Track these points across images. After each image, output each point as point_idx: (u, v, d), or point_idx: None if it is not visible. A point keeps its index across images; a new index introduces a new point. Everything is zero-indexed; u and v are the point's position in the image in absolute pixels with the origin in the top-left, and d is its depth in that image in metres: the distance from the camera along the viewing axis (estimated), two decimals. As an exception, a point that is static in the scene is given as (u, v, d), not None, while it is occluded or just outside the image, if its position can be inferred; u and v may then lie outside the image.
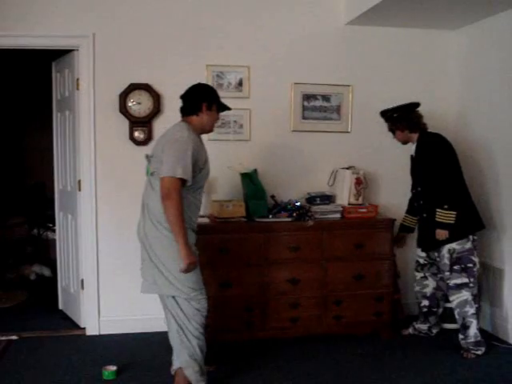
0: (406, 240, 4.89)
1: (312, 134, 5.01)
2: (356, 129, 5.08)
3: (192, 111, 3.55)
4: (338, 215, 4.68)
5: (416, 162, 4.49)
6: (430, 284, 4.57)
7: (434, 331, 4.72)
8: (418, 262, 4.62)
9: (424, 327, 4.70)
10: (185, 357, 3.49)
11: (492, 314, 4.78)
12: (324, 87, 4.99)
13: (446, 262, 4.30)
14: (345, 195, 4.78)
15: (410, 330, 4.76)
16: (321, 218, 4.61)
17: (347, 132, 5.08)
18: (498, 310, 4.71)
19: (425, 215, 4.40)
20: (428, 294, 4.58)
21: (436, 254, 4.41)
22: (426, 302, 4.61)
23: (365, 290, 4.58)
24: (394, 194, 4.94)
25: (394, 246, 4.69)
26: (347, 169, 4.85)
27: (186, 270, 3.31)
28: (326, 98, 5.01)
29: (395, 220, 4.69)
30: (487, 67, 4.82)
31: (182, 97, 3.62)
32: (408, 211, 4.73)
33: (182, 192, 3.32)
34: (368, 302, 4.59)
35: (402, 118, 4.39)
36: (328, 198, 4.78)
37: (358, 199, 4.77)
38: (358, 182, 4.77)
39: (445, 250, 4.29)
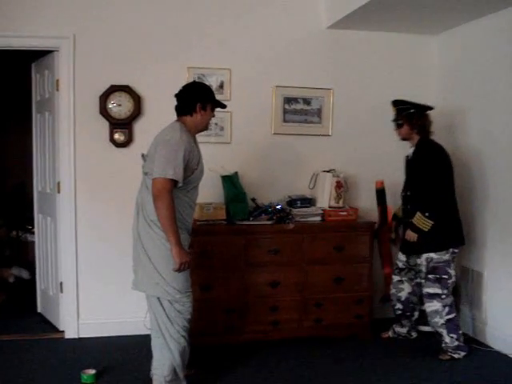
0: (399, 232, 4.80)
1: (293, 137, 5.02)
2: (337, 132, 5.10)
3: (186, 111, 3.53)
4: (318, 218, 4.70)
5: (410, 166, 4.45)
6: (406, 289, 4.57)
7: (414, 334, 4.75)
8: (397, 265, 4.62)
9: (403, 331, 4.72)
10: (158, 362, 3.49)
11: (471, 317, 4.82)
12: (305, 90, 5.00)
13: (423, 269, 4.33)
14: (325, 198, 4.79)
15: (390, 333, 4.78)
16: (301, 220, 4.62)
17: (328, 135, 5.10)
18: (477, 313, 4.76)
19: (411, 220, 4.36)
20: (402, 298, 4.59)
21: (417, 261, 4.41)
22: (399, 306, 4.62)
23: (345, 292, 4.60)
24: (374, 198, 4.95)
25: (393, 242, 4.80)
26: (328, 172, 4.86)
27: (179, 270, 3.32)
28: (306, 101, 5.02)
29: (375, 223, 4.71)
30: (468, 71, 4.87)
31: (177, 96, 3.60)
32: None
33: (175, 192, 3.33)
34: (348, 305, 4.61)
35: (417, 117, 4.32)
36: (308, 201, 4.79)
37: (338, 202, 4.79)
38: (339, 185, 4.79)
39: (423, 257, 4.30)
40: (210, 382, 3.88)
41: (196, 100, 3.52)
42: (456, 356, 4.28)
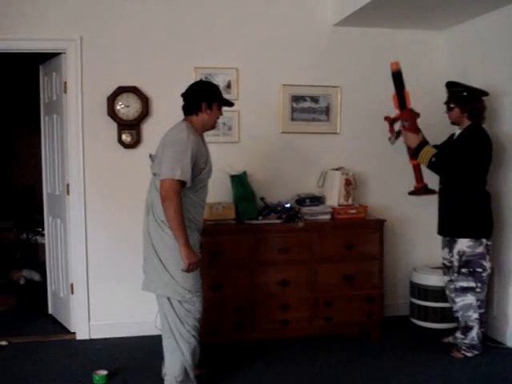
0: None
1: (301, 135, 5.01)
2: (345, 130, 5.09)
3: (192, 111, 3.53)
4: (327, 216, 4.69)
5: (451, 145, 4.28)
6: None
7: None
8: (443, 264, 4.50)
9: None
10: (169, 362, 3.50)
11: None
12: (312, 88, 4.99)
13: (455, 263, 4.22)
14: (334, 196, 4.78)
15: (451, 339, 4.57)
16: (311, 219, 4.61)
17: (336, 133, 5.08)
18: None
19: (442, 199, 4.32)
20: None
21: (449, 255, 4.31)
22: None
23: (355, 291, 4.58)
24: (384, 195, 4.94)
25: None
26: (336, 170, 4.85)
27: (188, 270, 3.33)
28: (314, 99, 5.01)
29: (385, 221, 4.69)
30: (474, 67, 4.84)
31: (183, 95, 3.60)
32: None
33: (185, 192, 3.34)
34: (358, 303, 4.59)
35: (469, 101, 4.18)
36: (318, 200, 4.78)
37: (347, 200, 4.78)
38: (348, 182, 4.77)
39: (455, 251, 4.20)
40: (220, 382, 3.87)
41: (201, 99, 3.51)
42: (469, 355, 4.22)
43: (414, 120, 4.33)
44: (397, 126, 4.46)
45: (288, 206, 4.61)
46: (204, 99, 3.51)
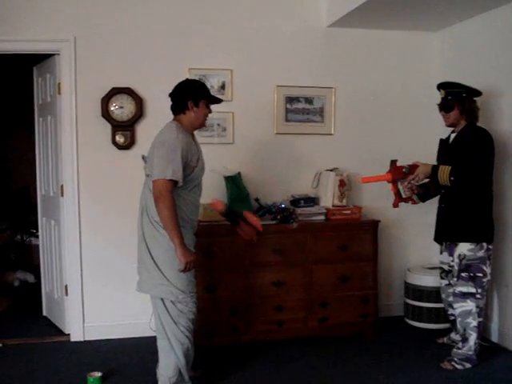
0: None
1: (295, 136, 5.02)
2: (339, 131, 5.10)
3: (179, 110, 3.54)
4: (322, 217, 4.69)
5: (451, 150, 4.16)
6: None
7: None
8: (441, 268, 4.42)
9: (458, 338, 4.28)
10: (163, 363, 3.50)
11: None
12: (307, 90, 5.00)
13: (456, 267, 4.08)
14: (329, 197, 4.79)
15: (445, 339, 4.57)
16: (305, 220, 4.61)
17: (330, 134, 5.09)
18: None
19: (443, 205, 4.23)
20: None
21: (449, 259, 4.20)
22: (452, 311, 4.33)
23: (350, 291, 4.59)
24: (378, 196, 4.94)
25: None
26: (331, 171, 4.86)
27: (184, 270, 3.33)
28: (308, 100, 5.02)
29: (379, 221, 4.70)
30: (467, 68, 4.85)
31: (170, 95, 3.61)
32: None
33: (178, 192, 3.35)
34: (353, 304, 4.60)
35: (468, 101, 4.09)
36: (312, 200, 4.78)
37: (341, 201, 4.79)
38: (342, 183, 4.78)
39: (456, 254, 4.09)
40: (216, 383, 3.87)
41: (187, 98, 3.52)
42: (459, 367, 4.05)
43: (400, 168, 4.21)
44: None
45: (282, 206, 4.61)
46: (190, 97, 3.52)
